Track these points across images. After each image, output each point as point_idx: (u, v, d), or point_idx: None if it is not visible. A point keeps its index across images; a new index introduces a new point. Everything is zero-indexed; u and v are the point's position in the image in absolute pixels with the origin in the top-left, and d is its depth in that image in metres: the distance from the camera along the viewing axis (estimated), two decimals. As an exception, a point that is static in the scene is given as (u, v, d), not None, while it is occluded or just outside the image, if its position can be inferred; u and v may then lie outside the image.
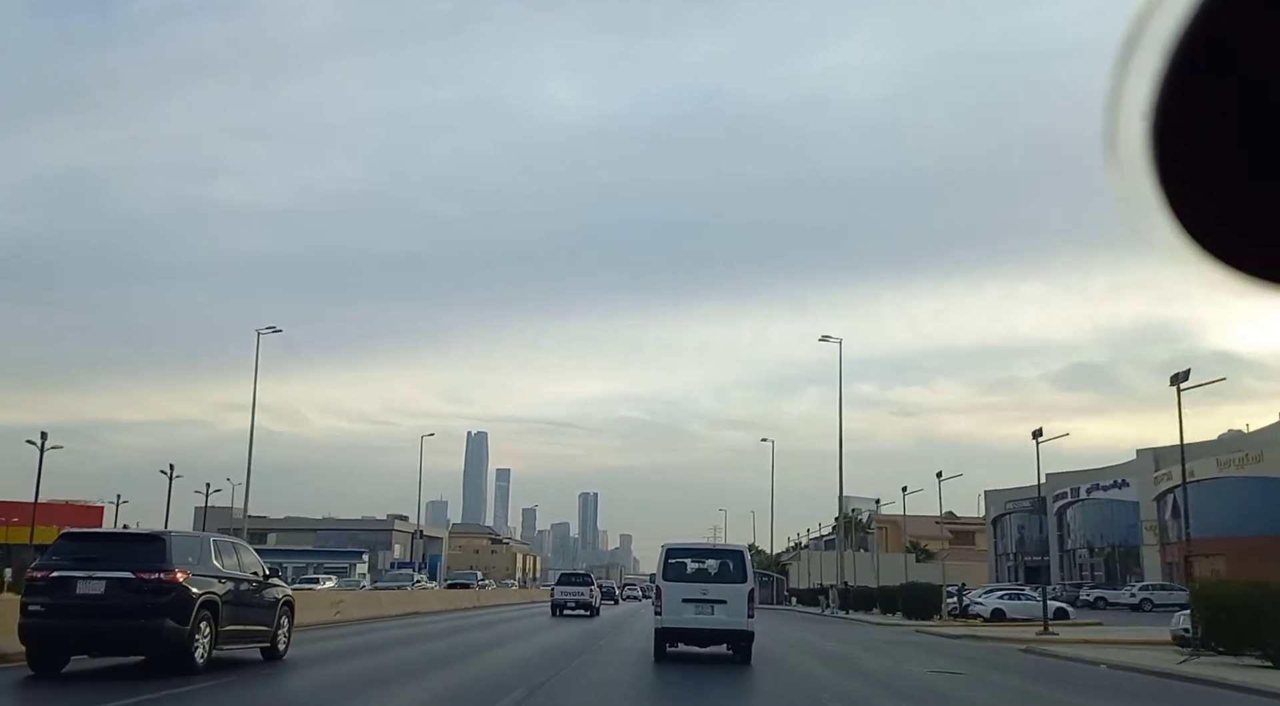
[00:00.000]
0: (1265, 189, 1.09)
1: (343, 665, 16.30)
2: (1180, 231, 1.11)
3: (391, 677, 14.36)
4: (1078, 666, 20.63)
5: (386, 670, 15.23)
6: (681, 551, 18.56)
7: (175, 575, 12.79)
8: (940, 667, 19.06)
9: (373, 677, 14.35)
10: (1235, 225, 1.12)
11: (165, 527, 31.02)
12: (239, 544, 15.42)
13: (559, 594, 39.87)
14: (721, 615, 17.21)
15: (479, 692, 13.06)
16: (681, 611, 17.24)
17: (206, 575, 13.53)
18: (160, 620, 12.57)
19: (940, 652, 24.11)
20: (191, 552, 13.54)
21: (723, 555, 19.08)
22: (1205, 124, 1.08)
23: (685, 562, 18.30)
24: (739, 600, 17.27)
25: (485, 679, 14.51)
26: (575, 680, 14.80)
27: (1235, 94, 1.06)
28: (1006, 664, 21.33)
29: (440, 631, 26.26)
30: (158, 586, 12.63)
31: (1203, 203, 1.11)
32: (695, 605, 17.26)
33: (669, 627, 17.49)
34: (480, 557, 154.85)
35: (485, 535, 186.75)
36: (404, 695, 12.86)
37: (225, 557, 14.37)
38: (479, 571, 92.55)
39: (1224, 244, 1.12)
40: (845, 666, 19.26)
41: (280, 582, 16.34)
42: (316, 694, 12.96)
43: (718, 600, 17.26)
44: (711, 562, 18.54)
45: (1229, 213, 1.12)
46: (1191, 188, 1.10)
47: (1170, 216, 1.10)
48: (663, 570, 17.88)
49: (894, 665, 19.78)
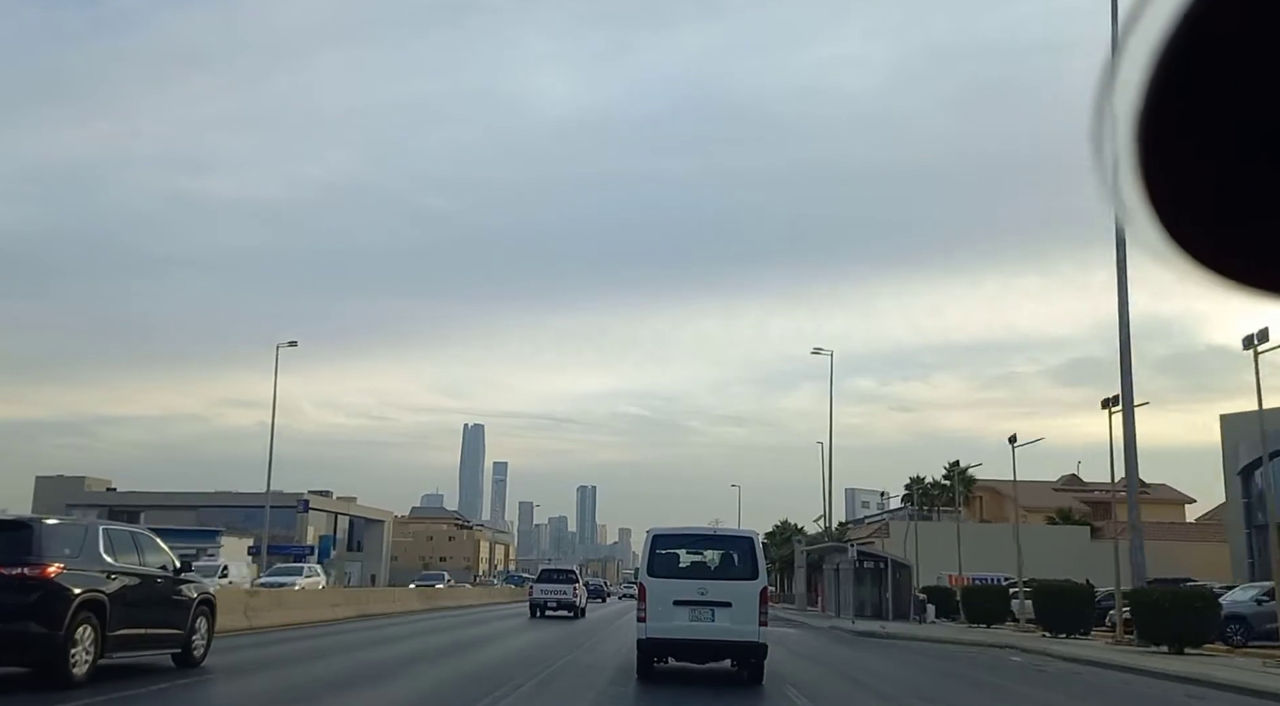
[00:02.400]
0: (1249, 194, 1.10)
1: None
2: (1164, 233, 1.12)
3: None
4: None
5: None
6: (672, 538, 14.66)
7: (44, 569, 10.63)
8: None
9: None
10: (1218, 229, 1.13)
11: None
12: (140, 533, 13.28)
13: (538, 592, 36.08)
14: (725, 621, 13.50)
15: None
16: (672, 616, 13.55)
17: (90, 570, 11.37)
18: (23, 623, 10.43)
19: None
20: (70, 543, 11.36)
21: (726, 543, 14.90)
22: (1190, 128, 1.08)
23: (677, 554, 14.61)
24: (748, 602, 13.53)
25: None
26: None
27: (1220, 98, 1.06)
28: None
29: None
30: (21, 583, 10.48)
31: (1186, 206, 1.11)
32: (690, 608, 13.55)
33: (656, 638, 13.69)
34: (434, 545, 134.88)
35: (448, 519, 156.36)
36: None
37: (120, 550, 12.21)
38: (444, 572, 78.08)
39: (1206, 247, 1.13)
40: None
41: (196, 578, 14.19)
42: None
43: (719, 602, 13.54)
44: (711, 553, 14.87)
45: (1212, 216, 1.13)
46: (1175, 190, 1.10)
47: (1154, 218, 1.11)
48: (648, 563, 14.02)
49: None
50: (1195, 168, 1.10)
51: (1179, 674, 17.27)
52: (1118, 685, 17.03)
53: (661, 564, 14.06)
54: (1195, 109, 1.06)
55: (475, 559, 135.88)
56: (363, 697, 11.93)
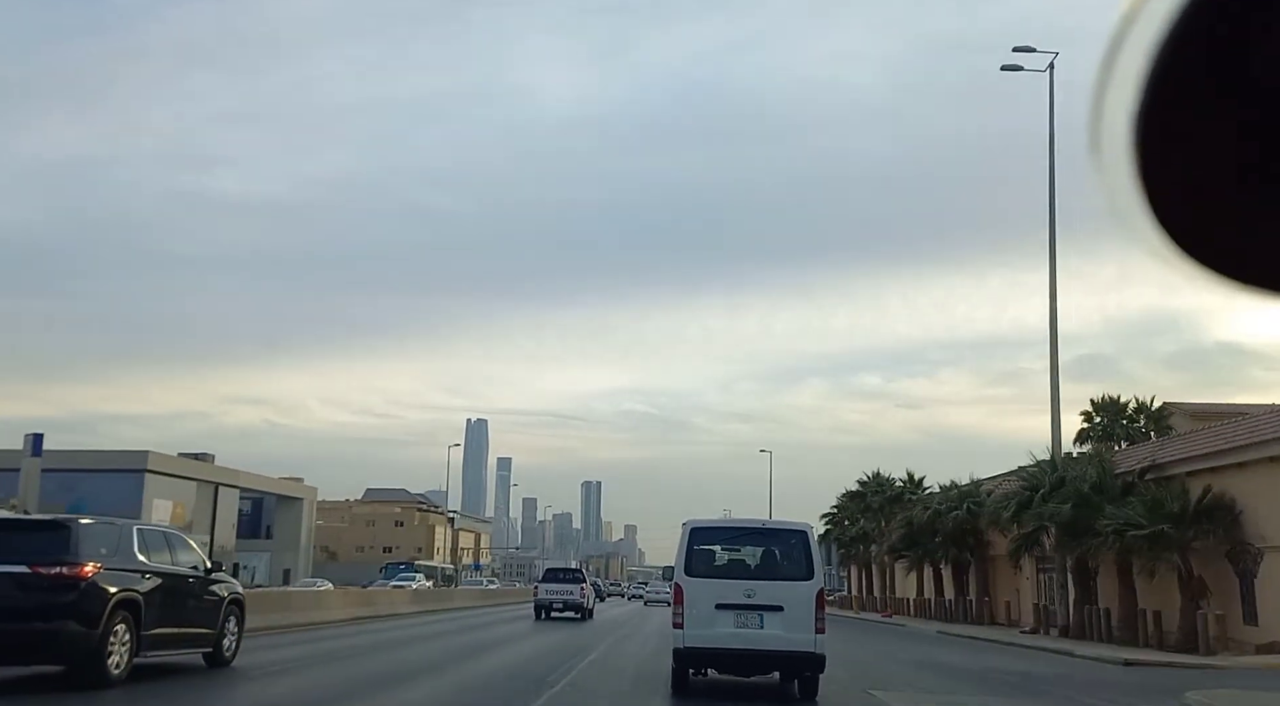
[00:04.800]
0: (1246, 192, 1.10)
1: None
2: (1161, 232, 1.12)
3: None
4: None
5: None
6: (713, 532, 13.22)
7: (82, 569, 10.63)
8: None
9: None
10: (1216, 227, 1.13)
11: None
12: (172, 533, 13.28)
13: (544, 593, 34.78)
14: (776, 628, 11.84)
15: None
16: (714, 622, 11.88)
17: (126, 569, 11.38)
18: (62, 623, 10.43)
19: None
20: (106, 543, 11.36)
21: (776, 538, 13.01)
22: (1188, 127, 1.08)
23: (717, 550, 13.10)
24: (802, 606, 11.90)
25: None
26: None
27: (1219, 97, 1.06)
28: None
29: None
30: (59, 583, 10.48)
31: (1184, 204, 1.11)
32: (735, 613, 11.91)
33: (695, 647, 12.01)
34: (377, 532, 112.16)
35: (404, 502, 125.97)
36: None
37: (154, 550, 12.22)
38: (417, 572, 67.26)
39: (1204, 246, 1.13)
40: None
41: (227, 578, 14.19)
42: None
43: (769, 606, 11.92)
44: (758, 549, 13.10)
45: (1210, 215, 1.13)
46: (1173, 189, 1.10)
47: (1152, 217, 1.11)
48: (685, 560, 12.31)
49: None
50: (1194, 165, 1.10)
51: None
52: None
53: (700, 561, 12.53)
54: (1194, 105, 1.06)
55: (429, 549, 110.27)
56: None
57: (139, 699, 10.90)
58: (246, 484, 67.27)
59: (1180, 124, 1.07)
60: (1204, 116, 1.07)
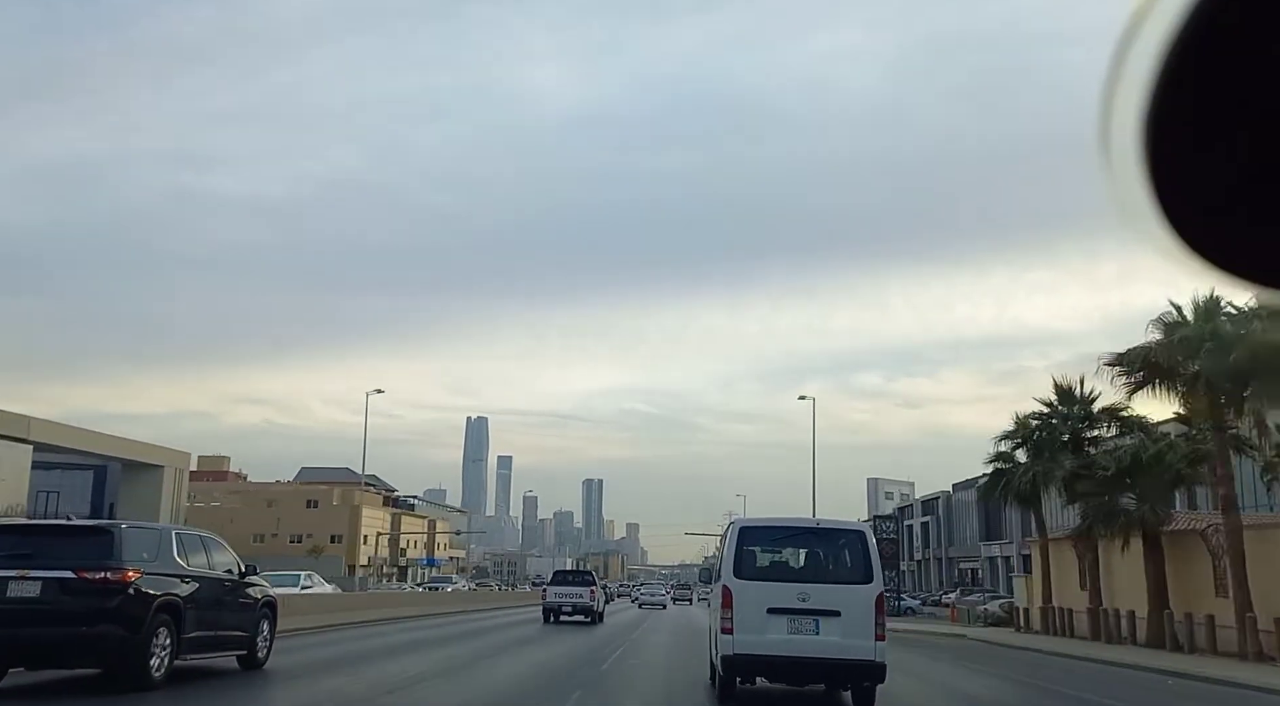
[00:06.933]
0: (1255, 190, 1.10)
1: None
2: (1170, 230, 1.12)
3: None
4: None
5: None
6: (765, 531, 12.43)
7: (125, 574, 10.72)
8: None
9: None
10: (1226, 225, 1.13)
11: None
12: (209, 537, 13.34)
13: (552, 596, 33.92)
14: (833, 635, 11.16)
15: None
16: (766, 627, 11.21)
17: (166, 574, 11.48)
18: (106, 626, 10.54)
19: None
20: (147, 547, 11.47)
21: (832, 539, 12.29)
22: (1197, 125, 1.08)
23: (770, 551, 12.38)
24: (860, 611, 11.26)
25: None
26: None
27: (1228, 95, 1.06)
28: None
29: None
30: (103, 587, 10.58)
31: (1193, 202, 1.11)
32: (789, 618, 11.23)
33: (746, 655, 11.30)
34: (273, 514, 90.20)
35: (344, 482, 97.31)
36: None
37: (191, 553, 12.32)
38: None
39: (1214, 243, 1.13)
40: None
41: (260, 581, 14.28)
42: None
43: (825, 611, 11.23)
44: (811, 551, 12.40)
45: (1219, 213, 1.13)
46: (1182, 187, 1.10)
47: (1161, 214, 1.11)
48: (734, 561, 11.62)
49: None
50: (1202, 163, 1.10)
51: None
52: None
53: (750, 563, 11.87)
54: (1203, 104, 1.06)
55: (354, 540, 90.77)
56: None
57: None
58: (68, 441, 49.74)
59: (1190, 122, 1.07)
60: (1214, 114, 1.07)
